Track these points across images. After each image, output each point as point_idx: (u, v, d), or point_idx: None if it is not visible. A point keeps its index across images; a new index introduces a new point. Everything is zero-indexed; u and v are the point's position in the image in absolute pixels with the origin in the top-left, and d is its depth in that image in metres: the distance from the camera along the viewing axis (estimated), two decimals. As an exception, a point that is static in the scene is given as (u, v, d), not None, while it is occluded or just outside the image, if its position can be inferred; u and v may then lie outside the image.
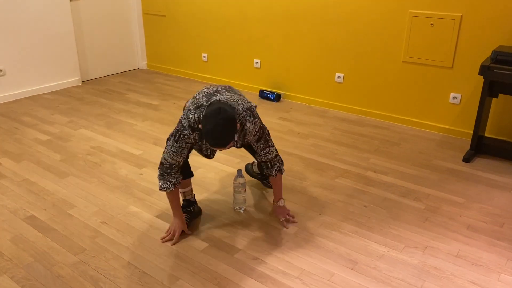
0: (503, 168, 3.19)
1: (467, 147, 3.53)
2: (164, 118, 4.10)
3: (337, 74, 4.24)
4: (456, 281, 2.08)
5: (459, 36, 3.51)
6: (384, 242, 2.35)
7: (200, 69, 5.32)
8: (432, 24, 3.59)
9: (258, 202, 2.73)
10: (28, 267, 2.15)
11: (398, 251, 2.29)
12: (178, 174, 2.25)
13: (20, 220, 2.53)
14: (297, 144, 3.57)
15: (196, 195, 2.80)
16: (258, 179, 2.91)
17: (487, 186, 2.93)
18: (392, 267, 2.17)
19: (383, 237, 2.40)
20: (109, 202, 2.72)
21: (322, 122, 4.04)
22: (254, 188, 2.89)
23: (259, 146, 2.24)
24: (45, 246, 2.30)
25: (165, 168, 2.21)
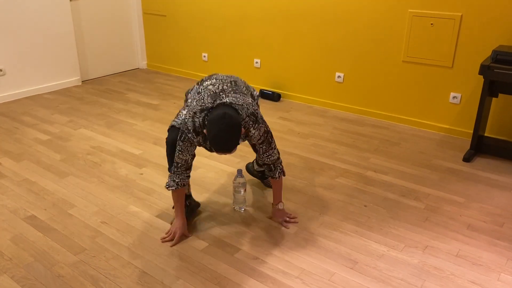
0: (503, 167, 3.19)
1: (467, 146, 3.53)
2: (164, 118, 4.10)
3: (337, 74, 4.24)
4: (456, 280, 2.08)
5: (459, 35, 3.51)
6: (384, 242, 2.35)
7: (200, 68, 5.32)
8: (432, 24, 3.59)
9: (258, 202, 2.73)
10: (28, 266, 2.15)
11: (398, 250, 2.29)
12: (184, 175, 2.27)
13: (20, 219, 2.53)
14: (297, 143, 3.57)
15: (196, 195, 2.80)
16: (259, 178, 2.91)
17: (487, 186, 2.93)
18: (392, 267, 2.17)
19: (383, 236, 2.40)
20: (109, 201, 2.72)
21: (322, 122, 4.04)
22: (254, 187, 2.89)
23: (261, 147, 2.27)
24: (45, 245, 2.30)
25: (173, 166, 2.27)
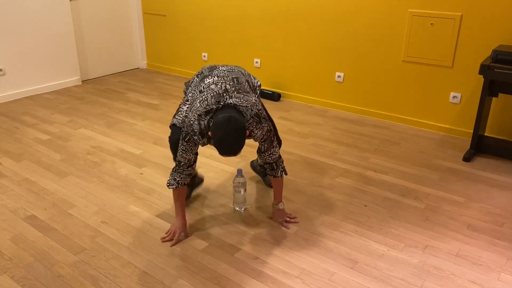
0: (503, 167, 3.18)
1: (467, 146, 3.53)
2: (164, 118, 4.10)
3: (337, 74, 4.24)
4: (456, 280, 2.08)
5: (459, 35, 3.51)
6: (384, 242, 2.35)
7: (200, 68, 5.31)
8: (432, 24, 3.59)
9: (258, 202, 2.73)
10: (28, 266, 2.15)
11: (398, 250, 2.29)
12: (185, 174, 2.27)
13: (20, 219, 2.53)
14: (297, 143, 3.57)
15: (195, 194, 2.80)
16: (261, 175, 2.92)
17: (487, 186, 2.93)
18: (392, 267, 2.17)
19: (383, 236, 2.40)
20: (109, 201, 2.72)
21: (322, 122, 4.03)
22: (254, 187, 2.89)
23: (263, 145, 2.29)
24: (45, 245, 2.30)
25: (176, 165, 2.28)
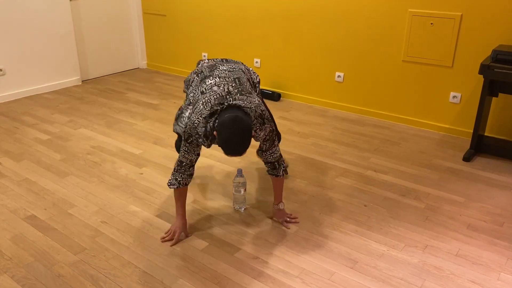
0: (503, 167, 3.19)
1: (467, 146, 3.53)
2: (164, 118, 4.10)
3: (337, 74, 4.24)
4: (456, 280, 2.08)
5: (459, 35, 3.51)
6: (384, 241, 2.35)
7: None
8: (432, 24, 3.59)
9: (258, 201, 2.73)
10: (28, 266, 2.15)
11: (398, 250, 2.29)
12: (186, 174, 2.28)
13: (20, 219, 2.53)
14: (297, 143, 3.57)
15: (196, 194, 2.80)
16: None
17: (487, 185, 2.93)
18: (392, 266, 2.17)
19: (383, 236, 2.40)
20: (109, 201, 2.72)
21: (322, 122, 4.03)
22: (254, 187, 2.89)
23: (265, 144, 2.30)
24: (45, 245, 2.30)
25: (177, 164, 2.28)
